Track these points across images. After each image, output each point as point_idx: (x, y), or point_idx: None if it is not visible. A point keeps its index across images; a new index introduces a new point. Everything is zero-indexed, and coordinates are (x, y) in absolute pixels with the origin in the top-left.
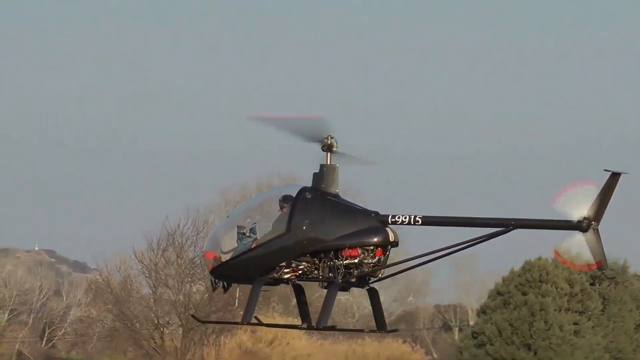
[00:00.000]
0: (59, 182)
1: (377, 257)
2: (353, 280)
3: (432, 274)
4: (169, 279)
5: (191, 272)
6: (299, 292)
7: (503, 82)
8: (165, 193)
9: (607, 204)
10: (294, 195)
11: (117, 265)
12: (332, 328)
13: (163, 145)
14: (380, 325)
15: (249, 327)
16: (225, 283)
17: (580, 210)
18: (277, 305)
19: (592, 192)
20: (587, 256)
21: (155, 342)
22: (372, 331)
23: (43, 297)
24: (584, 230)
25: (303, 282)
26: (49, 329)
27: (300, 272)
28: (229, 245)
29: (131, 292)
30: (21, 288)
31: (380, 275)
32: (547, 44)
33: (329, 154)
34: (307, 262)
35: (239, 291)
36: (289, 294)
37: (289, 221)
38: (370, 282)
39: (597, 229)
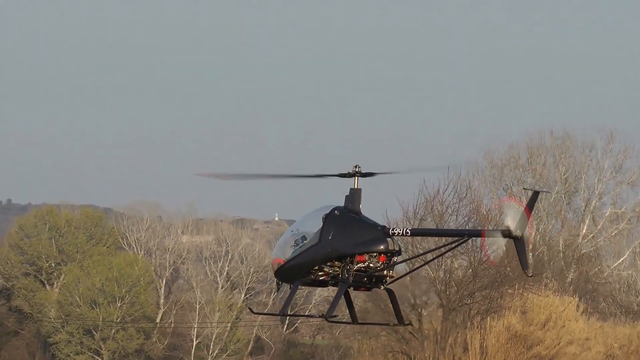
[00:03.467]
0: (303, 144)
1: (381, 262)
2: (366, 280)
3: None
4: (427, 253)
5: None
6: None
7: None
8: (421, 153)
9: (529, 217)
10: None
11: None
12: (334, 316)
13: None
14: (399, 319)
15: (519, 308)
16: (291, 285)
17: (509, 220)
18: (551, 282)
19: (516, 207)
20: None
21: (412, 325)
22: (394, 324)
23: None
24: (509, 237)
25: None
26: (291, 310)
27: (331, 274)
28: (287, 253)
29: None
30: (260, 264)
31: (389, 277)
32: None
33: (356, 179)
34: (335, 267)
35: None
36: (563, 269)
37: (321, 233)
38: (386, 283)
39: (522, 238)
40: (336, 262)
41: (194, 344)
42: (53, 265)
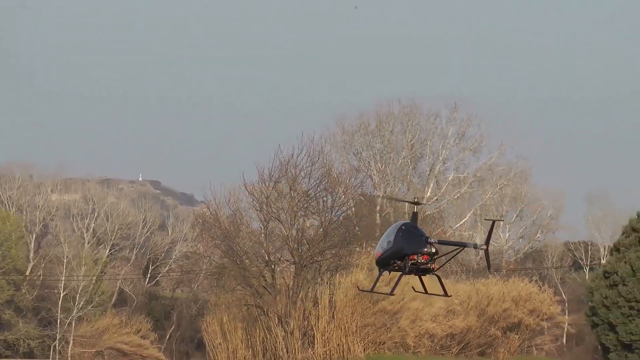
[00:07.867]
0: (165, 107)
1: (424, 260)
2: (418, 270)
3: (562, 210)
4: (281, 212)
5: (305, 206)
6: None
7: None
8: (279, 121)
9: (490, 236)
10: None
11: (227, 197)
12: (391, 294)
13: (275, 69)
14: (445, 292)
15: (366, 265)
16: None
17: (478, 239)
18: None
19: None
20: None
21: (266, 280)
22: (442, 295)
23: (147, 232)
24: (477, 248)
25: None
26: (152, 265)
27: (400, 265)
28: (381, 250)
29: (241, 227)
30: (124, 222)
31: (432, 269)
32: None
33: (415, 206)
34: (402, 261)
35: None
36: None
37: (394, 239)
38: (432, 271)
39: (486, 249)
40: (401, 258)
41: (61, 295)
42: None
